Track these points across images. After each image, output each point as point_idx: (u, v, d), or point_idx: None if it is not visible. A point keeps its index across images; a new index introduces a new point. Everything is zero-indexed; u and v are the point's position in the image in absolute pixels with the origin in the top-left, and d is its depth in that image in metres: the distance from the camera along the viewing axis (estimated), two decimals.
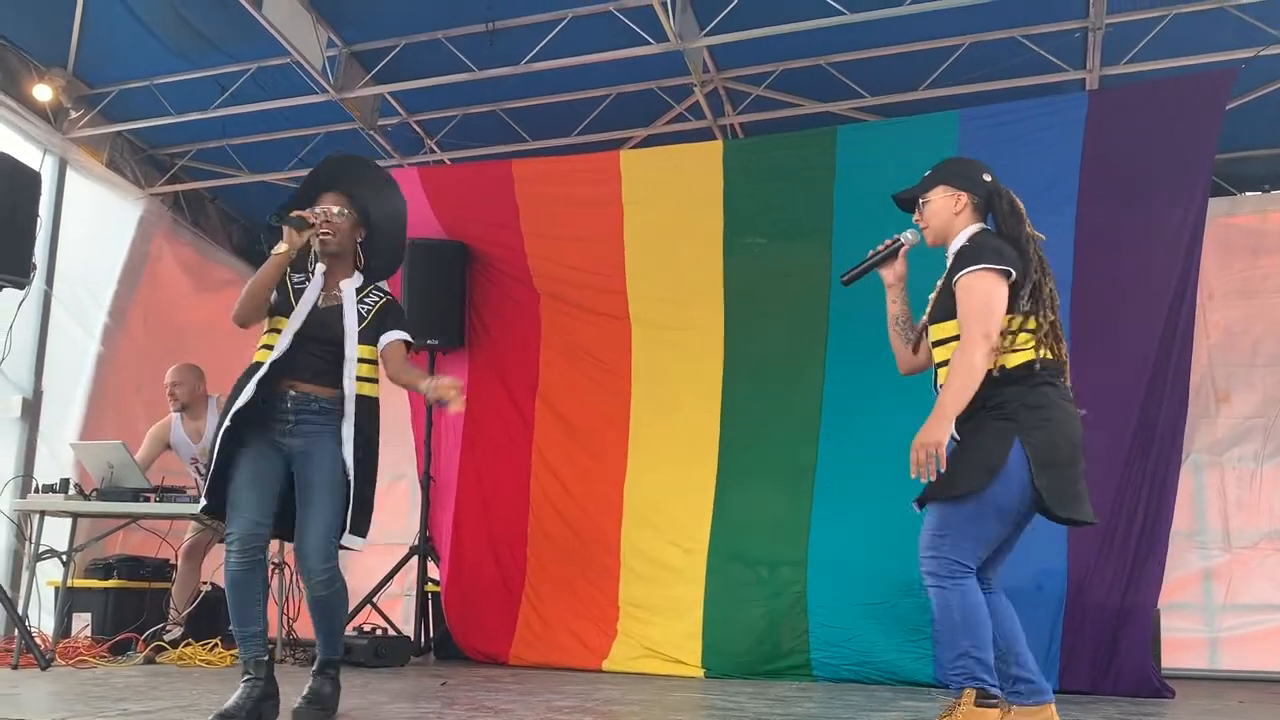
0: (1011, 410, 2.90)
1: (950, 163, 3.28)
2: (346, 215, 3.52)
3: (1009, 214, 3.10)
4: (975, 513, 2.89)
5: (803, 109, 6.51)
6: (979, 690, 2.85)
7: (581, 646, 5.54)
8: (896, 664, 4.96)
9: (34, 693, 4.07)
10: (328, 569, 3.36)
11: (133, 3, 5.96)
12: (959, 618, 2.87)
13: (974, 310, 2.92)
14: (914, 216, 3.26)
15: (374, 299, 3.55)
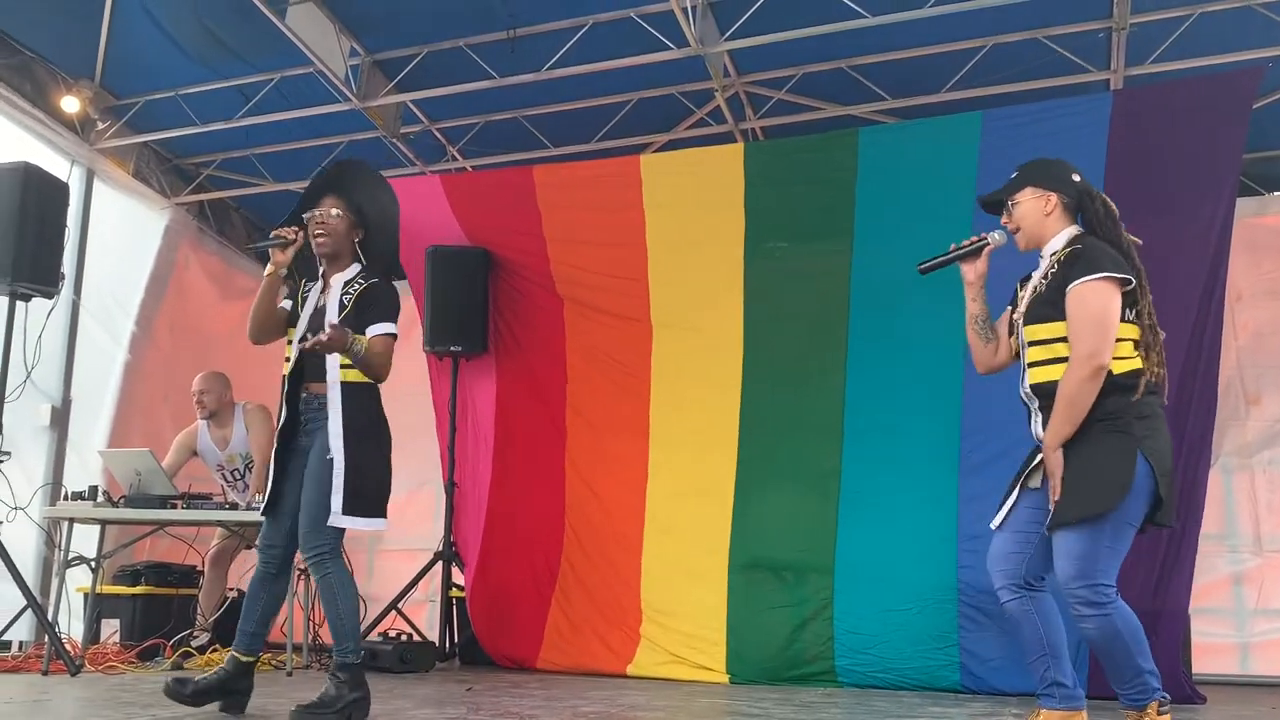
0: (1125, 423, 2.89)
1: (1037, 163, 3.23)
2: (341, 216, 3.63)
3: (1105, 216, 3.06)
4: (1115, 531, 2.87)
5: (824, 112, 6.49)
6: (1160, 700, 2.87)
7: (608, 651, 5.54)
8: (923, 670, 4.92)
9: (64, 698, 4.10)
10: (311, 551, 3.47)
11: (158, 15, 6.03)
12: (1127, 638, 2.85)
13: (1087, 324, 2.88)
14: (1001, 219, 3.21)
15: (357, 286, 3.62)
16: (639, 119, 6.71)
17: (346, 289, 3.61)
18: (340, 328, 3.39)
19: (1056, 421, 2.90)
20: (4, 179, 5.25)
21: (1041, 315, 3.02)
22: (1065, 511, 2.87)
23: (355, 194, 3.70)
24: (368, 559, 7.49)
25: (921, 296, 5.21)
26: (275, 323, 3.67)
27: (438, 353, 6.32)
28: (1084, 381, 2.86)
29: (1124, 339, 2.94)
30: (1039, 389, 3.03)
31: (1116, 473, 2.84)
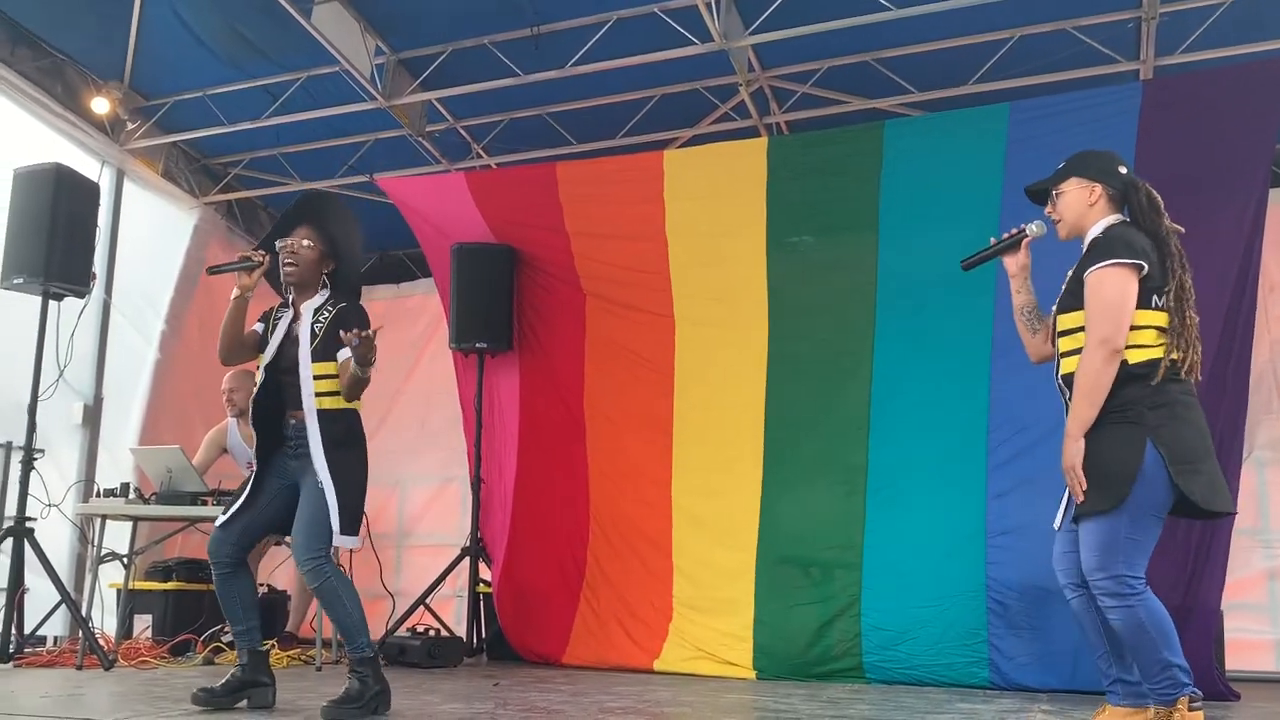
0: (1137, 413, 2.90)
1: (1084, 155, 3.25)
2: (312, 247, 3.73)
3: (1146, 206, 3.08)
4: (1130, 522, 2.87)
5: (849, 106, 6.46)
6: (1191, 695, 2.86)
7: (634, 646, 5.54)
8: (951, 667, 4.89)
9: (98, 693, 4.16)
10: (307, 562, 3.56)
11: (186, 16, 6.08)
12: (1153, 632, 2.84)
13: (1099, 310, 2.93)
14: (1046, 209, 3.24)
15: (327, 313, 3.71)
16: (663, 115, 6.70)
17: (317, 317, 3.71)
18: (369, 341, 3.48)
19: (1075, 409, 2.93)
20: (36, 180, 5.32)
21: (1067, 305, 3.07)
22: (1081, 505, 2.90)
23: (329, 226, 3.81)
24: (396, 555, 7.53)
25: (948, 290, 5.18)
26: (243, 345, 3.76)
27: (464, 350, 6.34)
28: (1098, 366, 2.88)
29: (1148, 326, 2.96)
30: (1069, 379, 3.04)
31: (1123, 464, 2.86)
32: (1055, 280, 3.30)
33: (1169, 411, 2.90)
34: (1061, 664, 4.70)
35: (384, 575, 6.19)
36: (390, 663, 5.58)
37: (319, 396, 3.62)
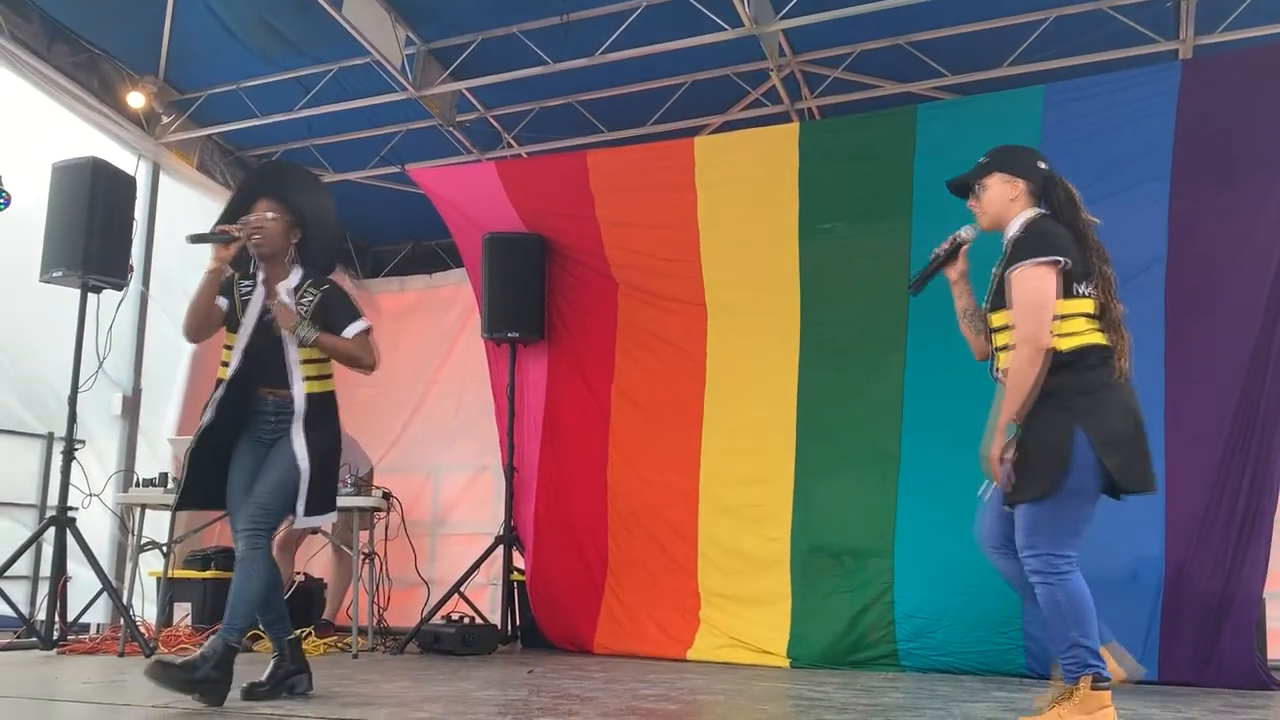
0: (1065, 399, 2.99)
1: (1005, 150, 3.36)
2: (277, 219, 3.67)
3: (1065, 201, 3.20)
4: (1059, 505, 2.97)
5: (882, 90, 6.39)
6: (1095, 675, 2.95)
7: (665, 635, 5.54)
8: (986, 654, 4.85)
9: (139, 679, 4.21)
10: (249, 529, 3.54)
11: (219, 10, 6.13)
12: (1067, 610, 2.96)
13: (1022, 309, 3.04)
14: (969, 202, 3.35)
15: (310, 296, 3.69)
16: (693, 101, 6.67)
17: (299, 300, 3.68)
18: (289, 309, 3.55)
19: (1005, 403, 3.06)
20: (73, 174, 5.39)
21: (998, 304, 3.19)
22: (1017, 489, 3.02)
23: (293, 196, 3.75)
24: (430, 543, 7.58)
25: (982, 274, 5.11)
26: (210, 321, 3.68)
27: (496, 339, 6.36)
28: (1026, 364, 2.99)
29: (1075, 314, 3.05)
30: (1006, 374, 3.15)
31: (1053, 452, 2.97)
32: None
33: (1097, 397, 3.00)
34: None
35: (419, 563, 6.25)
36: (425, 650, 5.64)
37: (306, 380, 3.63)
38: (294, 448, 3.57)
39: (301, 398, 3.61)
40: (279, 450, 3.61)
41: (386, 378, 8.17)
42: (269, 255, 3.69)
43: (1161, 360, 4.79)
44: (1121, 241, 4.90)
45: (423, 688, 4.03)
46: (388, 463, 7.54)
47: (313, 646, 5.50)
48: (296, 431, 3.59)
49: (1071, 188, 3.22)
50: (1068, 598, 2.96)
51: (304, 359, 3.64)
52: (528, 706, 3.52)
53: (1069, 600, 2.96)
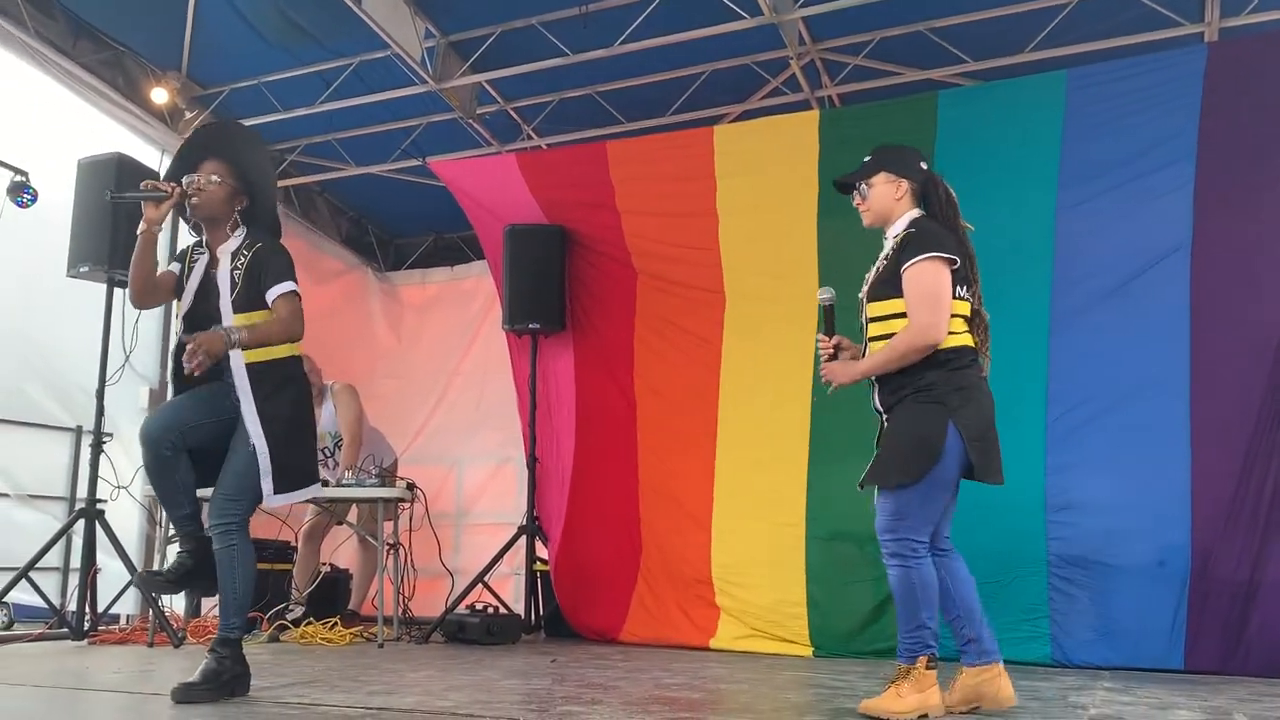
0: (939, 394, 3.15)
1: (889, 150, 3.46)
2: (221, 182, 3.47)
3: (945, 203, 3.34)
4: (925, 492, 3.15)
5: (902, 77, 6.35)
6: (930, 656, 3.16)
7: (690, 624, 5.55)
8: (1011, 643, 4.77)
9: (168, 669, 4.27)
10: (218, 525, 3.41)
11: (240, 4, 6.16)
12: (920, 594, 3.14)
13: (923, 296, 3.15)
14: (854, 200, 3.46)
15: (243, 258, 3.47)
16: (713, 90, 6.66)
17: (235, 262, 3.47)
18: (209, 333, 3.25)
19: (877, 360, 3.22)
20: (98, 170, 5.44)
21: (881, 294, 3.28)
22: (882, 476, 3.16)
23: (239, 158, 3.55)
24: (455, 534, 7.62)
25: (1004, 259, 5.08)
26: (155, 287, 3.50)
27: (517, 331, 6.38)
28: (914, 344, 3.14)
29: (955, 315, 3.21)
30: None
31: (926, 443, 3.12)
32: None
33: (967, 394, 3.17)
34: (1125, 641, 4.63)
35: (443, 554, 6.28)
36: (449, 639, 5.67)
37: (246, 349, 3.39)
38: (245, 425, 3.39)
39: (242, 370, 3.38)
40: (234, 434, 3.43)
41: (409, 369, 8.28)
42: (208, 218, 3.50)
43: (1186, 346, 4.75)
44: (1145, 227, 4.91)
45: (447, 677, 4.06)
46: (411, 454, 7.59)
47: (339, 636, 5.56)
48: (246, 407, 3.38)
49: (951, 190, 3.35)
50: (922, 581, 3.13)
51: (242, 325, 3.38)
52: (551, 695, 3.55)
53: (923, 584, 3.13)
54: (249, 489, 3.42)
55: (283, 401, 3.46)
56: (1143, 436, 4.74)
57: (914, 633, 3.15)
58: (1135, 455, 4.73)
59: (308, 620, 5.77)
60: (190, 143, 3.63)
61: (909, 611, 3.15)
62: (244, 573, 3.45)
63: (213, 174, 3.47)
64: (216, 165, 3.50)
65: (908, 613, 3.15)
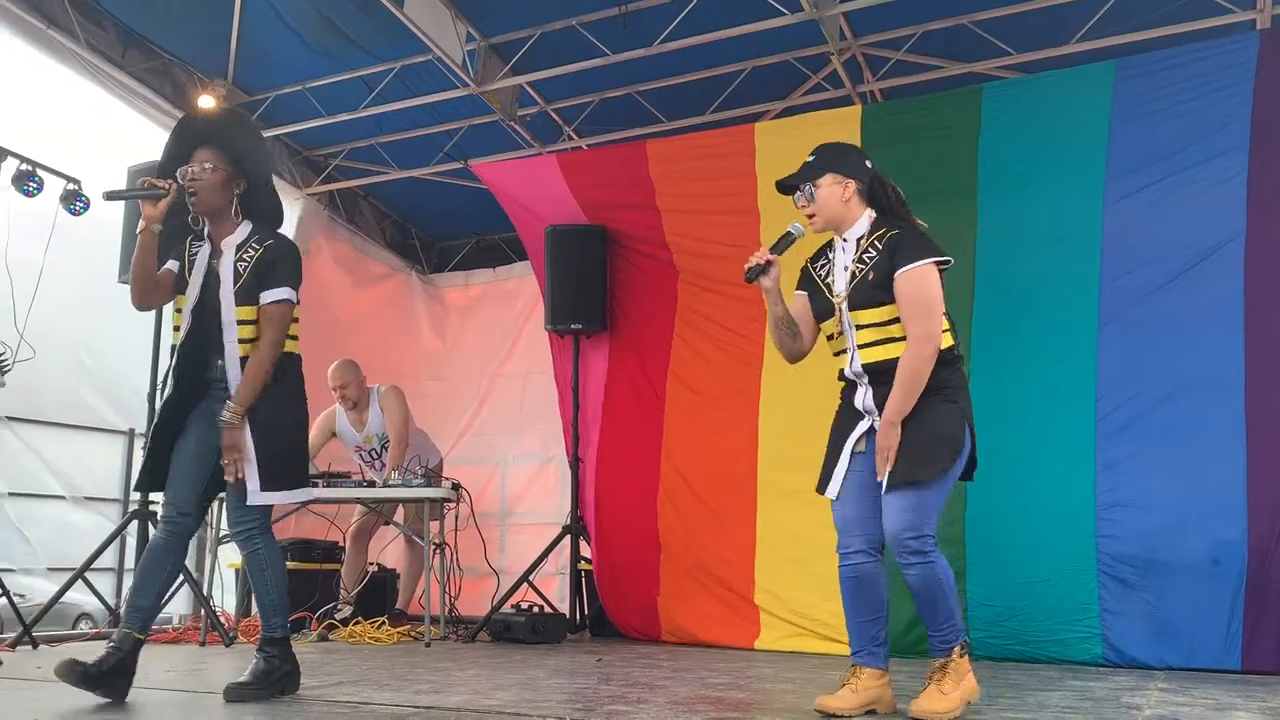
0: (953, 393, 3.15)
1: (833, 149, 3.37)
2: (213, 169, 3.38)
3: (897, 202, 3.28)
4: (943, 489, 3.13)
5: (946, 71, 6.28)
6: (962, 644, 3.15)
7: (731, 624, 5.52)
8: (1061, 643, 4.76)
9: (219, 668, 4.34)
10: (238, 528, 3.40)
11: (284, 12, 6.24)
12: (946, 587, 3.09)
13: (921, 307, 3.10)
14: (798, 202, 3.32)
15: (252, 251, 3.40)
16: (753, 88, 6.63)
17: (240, 255, 3.39)
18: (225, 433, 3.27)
19: (899, 398, 3.08)
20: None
21: (872, 299, 3.16)
22: (912, 471, 3.06)
23: (231, 144, 3.45)
24: (500, 533, 7.67)
25: (1051, 252, 5.04)
26: (156, 286, 3.41)
27: (559, 331, 6.40)
28: (925, 361, 3.07)
29: (944, 313, 3.18)
30: (873, 368, 3.19)
31: (950, 440, 3.10)
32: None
33: (967, 392, 3.22)
34: (1179, 640, 4.54)
35: (488, 553, 6.32)
36: (495, 638, 5.70)
37: (242, 343, 3.34)
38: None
39: (236, 362, 3.32)
40: None
41: (453, 371, 8.34)
42: (209, 210, 3.41)
43: (1240, 339, 4.65)
44: (1198, 217, 4.81)
45: (494, 676, 4.08)
46: (456, 454, 7.64)
47: (386, 635, 5.61)
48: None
49: (899, 189, 3.29)
50: (944, 573, 3.08)
51: (241, 319, 3.33)
52: (597, 695, 3.55)
53: (946, 577, 3.08)
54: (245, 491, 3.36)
55: (276, 399, 3.37)
56: (1196, 431, 4.65)
57: (944, 625, 3.12)
58: (1188, 451, 4.64)
59: (356, 619, 5.83)
60: (177, 134, 3.51)
61: (937, 606, 3.11)
62: (274, 574, 3.45)
63: (205, 161, 3.38)
64: (207, 153, 3.39)
65: (935, 608, 3.12)
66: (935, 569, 3.08)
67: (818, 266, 3.37)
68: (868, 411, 3.24)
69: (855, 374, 3.25)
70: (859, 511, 3.22)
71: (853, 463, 3.26)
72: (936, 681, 3.12)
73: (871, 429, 3.23)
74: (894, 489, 3.10)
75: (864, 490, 3.22)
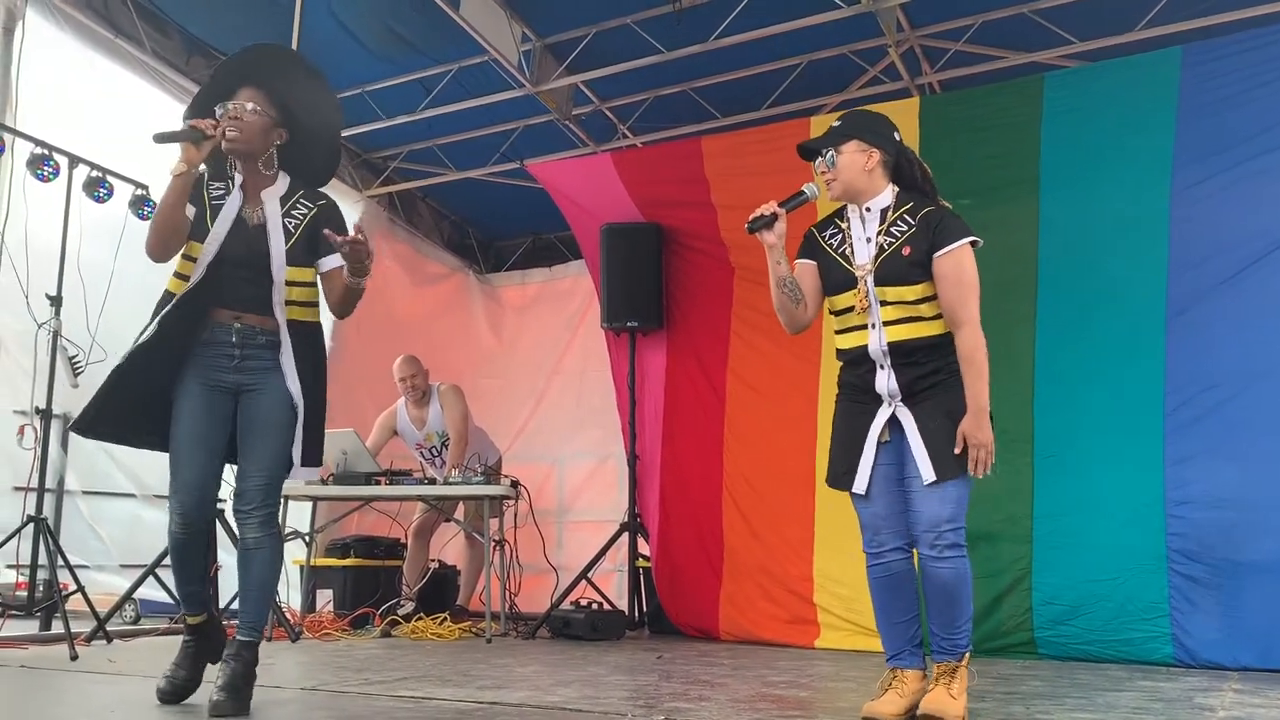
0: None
1: (862, 116, 3.24)
2: (259, 112, 3.11)
3: (924, 180, 3.17)
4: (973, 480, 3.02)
5: (1006, 61, 6.18)
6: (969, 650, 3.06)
7: (789, 623, 5.49)
8: (1130, 642, 4.66)
9: (286, 663, 4.41)
10: (264, 509, 3.11)
11: (343, 17, 6.32)
12: (969, 585, 2.99)
13: (968, 287, 3.00)
14: (819, 168, 3.20)
15: (303, 209, 3.16)
16: (809, 82, 6.58)
17: (289, 211, 3.15)
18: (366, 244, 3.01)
19: (977, 385, 2.96)
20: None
21: (907, 277, 3.04)
22: (961, 462, 2.95)
23: (281, 88, 3.17)
24: (557, 531, 7.72)
25: (1117, 243, 4.93)
26: (182, 232, 3.08)
27: (615, 329, 6.42)
28: (982, 342, 2.97)
29: None
30: (898, 347, 3.05)
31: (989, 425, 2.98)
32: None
33: None
34: (1255, 640, 4.42)
35: (547, 550, 6.36)
36: (555, 635, 5.74)
37: (291, 305, 3.12)
38: (287, 387, 3.10)
39: (285, 327, 3.10)
40: (260, 402, 3.10)
41: (510, 369, 8.40)
42: (245, 154, 3.13)
43: None
44: (1269, 207, 4.68)
45: (555, 672, 4.10)
46: (514, 452, 7.70)
47: (448, 631, 5.67)
48: (289, 370, 3.10)
49: (927, 166, 3.19)
50: (969, 570, 2.98)
51: (292, 280, 3.11)
52: (658, 692, 3.55)
53: (969, 572, 2.99)
54: (284, 472, 3.14)
55: (320, 371, 3.22)
56: (1269, 425, 4.52)
57: (962, 627, 3.00)
58: (1262, 445, 4.52)
59: (418, 616, 5.89)
60: (226, 67, 3.24)
61: (960, 605, 2.98)
62: (278, 566, 3.21)
63: (248, 102, 3.10)
64: (253, 93, 3.12)
65: (958, 607, 2.98)
66: (967, 563, 2.97)
67: (826, 236, 3.23)
68: (891, 396, 3.06)
69: (877, 353, 3.07)
70: (889, 508, 3.08)
71: (879, 454, 3.08)
72: (945, 684, 2.98)
73: (894, 417, 3.06)
74: (942, 482, 2.96)
75: (891, 484, 3.07)
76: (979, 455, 2.94)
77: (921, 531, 2.99)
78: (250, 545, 3.12)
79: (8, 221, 5.17)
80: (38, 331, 5.07)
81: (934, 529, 2.95)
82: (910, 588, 3.10)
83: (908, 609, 3.10)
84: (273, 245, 3.10)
